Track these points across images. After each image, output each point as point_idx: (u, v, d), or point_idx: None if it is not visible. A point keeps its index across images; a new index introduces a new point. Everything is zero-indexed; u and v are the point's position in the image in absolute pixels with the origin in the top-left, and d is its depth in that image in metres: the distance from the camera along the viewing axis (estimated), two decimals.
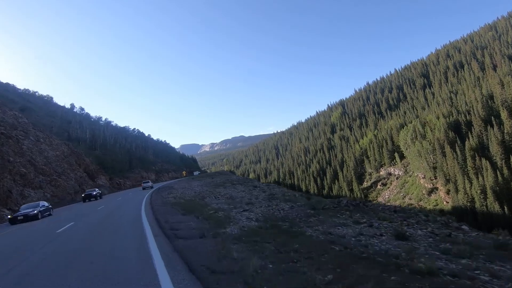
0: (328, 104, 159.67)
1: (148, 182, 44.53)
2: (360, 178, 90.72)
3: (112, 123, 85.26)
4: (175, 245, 6.70)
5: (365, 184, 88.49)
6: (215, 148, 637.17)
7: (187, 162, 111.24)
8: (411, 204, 68.06)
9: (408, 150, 77.31)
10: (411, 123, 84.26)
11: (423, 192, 67.76)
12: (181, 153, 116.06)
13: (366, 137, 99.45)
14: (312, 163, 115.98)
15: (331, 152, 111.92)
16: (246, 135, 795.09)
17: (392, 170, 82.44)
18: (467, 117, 68.41)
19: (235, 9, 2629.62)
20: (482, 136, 61.61)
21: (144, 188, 40.51)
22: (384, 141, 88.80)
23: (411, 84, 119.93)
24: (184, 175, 60.99)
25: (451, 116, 71.05)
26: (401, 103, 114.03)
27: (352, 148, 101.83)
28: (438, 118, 74.36)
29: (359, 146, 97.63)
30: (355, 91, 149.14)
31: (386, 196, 78.32)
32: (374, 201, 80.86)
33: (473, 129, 63.90)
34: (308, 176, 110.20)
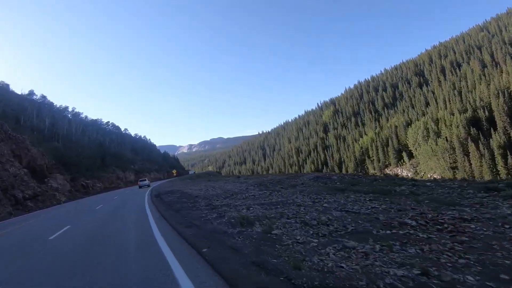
0: (318, 103, 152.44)
1: (145, 180, 41.81)
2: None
3: (81, 114, 71.68)
4: None
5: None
6: (193, 150, 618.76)
7: (170, 162, 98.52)
8: None
9: (419, 149, 70.33)
10: (418, 120, 77.66)
11: None
12: (163, 152, 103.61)
13: (366, 135, 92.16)
14: (306, 163, 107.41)
15: (326, 152, 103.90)
16: (225, 136, 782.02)
17: (399, 170, 75.08)
18: (486, 113, 62.26)
19: (217, 5, 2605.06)
20: (509, 132, 55.25)
21: (140, 187, 37.83)
22: (388, 139, 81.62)
23: (406, 82, 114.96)
24: (175, 174, 50.15)
25: (468, 112, 64.64)
26: (398, 102, 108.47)
27: (351, 148, 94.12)
28: (452, 114, 67.94)
29: (359, 145, 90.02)
30: (346, 89, 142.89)
31: None
32: None
33: (496, 125, 57.58)
34: None
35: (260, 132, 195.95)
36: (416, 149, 71.42)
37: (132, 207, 14.07)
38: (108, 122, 78.37)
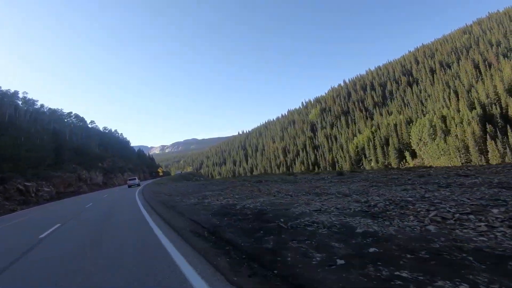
0: (302, 102, 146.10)
1: (135, 179, 39.33)
2: None
3: (37, 102, 57.90)
4: None
5: None
6: (166, 151, 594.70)
7: (146, 161, 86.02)
8: None
9: (424, 148, 64.64)
10: (419, 118, 72.32)
11: None
12: (138, 149, 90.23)
13: (361, 134, 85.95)
14: (295, 163, 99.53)
15: (316, 152, 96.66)
16: (200, 137, 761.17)
17: None
18: (498, 109, 57.60)
19: (190, 3, 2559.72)
20: None
21: (130, 186, 36.01)
22: (387, 138, 75.68)
23: (394, 82, 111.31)
24: (161, 174, 39.83)
25: (477, 109, 59.74)
26: (388, 100, 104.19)
27: (344, 147, 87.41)
28: (458, 111, 62.94)
29: (354, 144, 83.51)
30: (331, 88, 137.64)
31: None
32: None
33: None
34: None
35: (240, 133, 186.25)
36: (420, 148, 65.71)
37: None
38: (71, 113, 65.02)
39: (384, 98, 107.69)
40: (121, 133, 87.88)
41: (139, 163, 71.04)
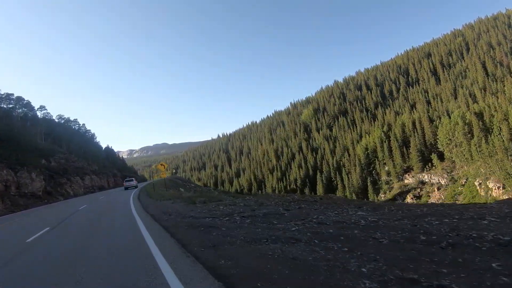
0: (291, 102, 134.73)
1: (132, 180, 37.19)
2: (373, 187, 64.92)
3: None
4: None
5: (382, 197, 62.90)
6: (134, 155, 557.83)
7: (117, 163, 67.88)
8: None
9: (456, 149, 54.89)
10: (442, 116, 63.00)
11: None
12: (106, 147, 70.99)
13: (368, 136, 75.44)
14: (290, 168, 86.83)
15: (316, 155, 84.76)
16: (170, 142, 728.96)
17: (426, 176, 58.79)
18: None
19: (155, 10, 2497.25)
20: None
21: (126, 188, 33.68)
22: (405, 139, 65.57)
23: (391, 82, 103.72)
24: (163, 175, 24.93)
25: None
26: (390, 100, 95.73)
27: (351, 150, 76.29)
28: (489, 107, 54.09)
29: (363, 146, 72.64)
30: (322, 88, 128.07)
31: None
32: None
33: None
34: (290, 185, 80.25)
35: (220, 136, 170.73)
36: (451, 150, 55.89)
37: None
38: (11, 95, 46.71)
39: (383, 98, 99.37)
40: (83, 124, 67.88)
41: (108, 165, 53.79)
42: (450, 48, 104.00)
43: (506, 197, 45.41)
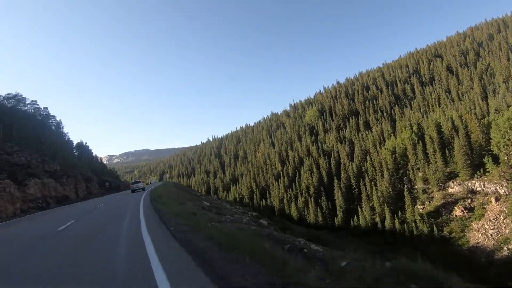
0: (291, 103, 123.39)
1: (139, 182, 37.31)
2: (404, 198, 53.65)
3: None
4: None
5: (420, 208, 51.78)
6: (114, 161, 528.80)
7: (94, 166, 53.06)
8: None
9: None
10: (488, 113, 53.19)
11: None
12: (78, 144, 54.77)
13: (394, 137, 64.80)
14: (299, 173, 74.70)
15: (329, 160, 73.20)
16: (152, 148, 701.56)
17: (478, 184, 48.21)
18: None
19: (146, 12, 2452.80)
20: None
21: (133, 191, 33.10)
22: (444, 140, 55.20)
23: (402, 82, 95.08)
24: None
25: None
26: (403, 101, 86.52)
27: (375, 153, 65.28)
28: None
29: (389, 150, 61.80)
30: (325, 89, 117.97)
31: (491, 231, 42.81)
32: (466, 243, 44.64)
33: None
34: (301, 194, 67.94)
35: (210, 139, 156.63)
36: (510, 152, 45.73)
37: None
38: None
39: (396, 98, 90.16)
40: (44, 108, 46.34)
41: (80, 165, 39.04)
42: (462, 48, 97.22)
43: None
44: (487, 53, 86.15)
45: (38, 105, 40.41)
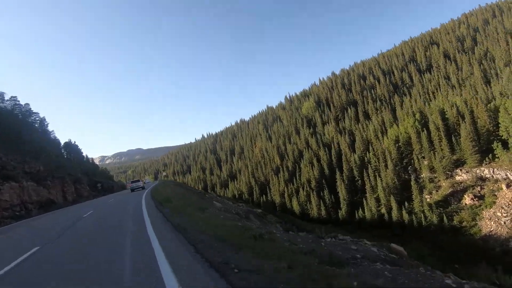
0: (286, 96, 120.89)
1: (138, 181, 37.14)
2: (409, 188, 51.79)
3: None
4: None
5: (427, 198, 49.97)
6: (106, 162, 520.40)
7: (84, 166, 49.51)
8: None
9: None
10: (495, 98, 51.40)
11: None
12: (68, 143, 49.94)
13: (397, 126, 62.81)
14: (299, 167, 72.36)
15: (329, 152, 71.02)
16: (145, 147, 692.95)
17: (487, 171, 46.50)
18: None
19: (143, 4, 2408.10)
20: None
21: (132, 190, 32.60)
22: (450, 127, 53.32)
23: (399, 70, 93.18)
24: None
25: None
26: (401, 89, 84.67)
27: (377, 143, 63.25)
28: None
29: (392, 139, 59.80)
30: (321, 80, 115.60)
31: (504, 218, 41.13)
32: (478, 232, 42.90)
33: None
34: (303, 188, 65.69)
35: (205, 135, 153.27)
36: None
37: None
38: None
39: (395, 87, 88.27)
40: (26, 104, 41.59)
41: (67, 165, 35.81)
42: (458, 35, 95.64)
43: None
44: (485, 38, 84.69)
45: (19, 101, 36.65)
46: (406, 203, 50.22)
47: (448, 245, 40.23)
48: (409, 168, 56.49)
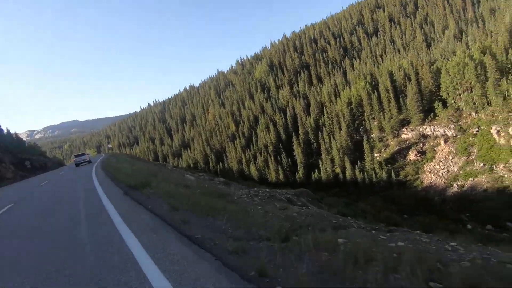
0: (237, 60, 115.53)
1: (83, 155, 33.96)
2: (361, 147, 54.48)
3: None
4: None
5: (378, 156, 53.18)
6: (36, 137, 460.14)
7: (9, 143, 40.89)
8: None
9: (464, 95, 47.05)
10: (444, 58, 54.61)
11: None
12: None
13: (349, 88, 64.14)
14: (255, 133, 71.16)
15: (285, 116, 70.63)
16: (82, 119, 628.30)
17: (428, 129, 50.47)
18: None
19: None
20: None
21: (77, 165, 30.76)
22: (397, 89, 55.85)
23: (347, 33, 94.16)
24: None
25: None
26: (351, 52, 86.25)
27: (329, 107, 64.21)
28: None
29: (344, 101, 61.10)
30: (272, 43, 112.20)
31: (442, 171, 45.69)
32: (420, 184, 47.06)
33: None
34: (260, 153, 65.14)
35: (151, 104, 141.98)
36: (457, 96, 47.88)
37: None
38: None
39: (345, 50, 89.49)
40: None
41: None
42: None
43: None
44: (425, 3, 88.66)
45: None
46: (358, 162, 52.73)
47: (397, 198, 43.64)
48: (360, 129, 58.99)
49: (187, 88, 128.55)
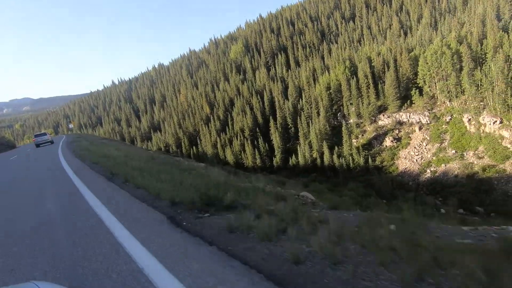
0: (211, 39, 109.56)
1: (45, 135, 32.50)
2: (339, 133, 54.39)
3: None
4: None
5: (355, 142, 53.39)
6: None
7: None
8: (493, 166, 39.87)
9: (440, 83, 47.97)
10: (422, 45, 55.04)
11: (502, 144, 40.31)
12: None
13: (328, 73, 63.13)
14: (231, 117, 68.38)
15: (262, 99, 68.36)
16: (35, 97, 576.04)
17: (404, 116, 51.27)
18: None
19: None
20: None
21: (38, 145, 29.15)
22: (376, 75, 55.74)
23: (324, 17, 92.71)
24: None
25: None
26: (330, 37, 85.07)
27: (307, 91, 62.92)
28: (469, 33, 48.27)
29: (323, 86, 60.12)
30: (247, 23, 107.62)
31: (416, 157, 46.84)
32: (395, 170, 47.92)
33: None
34: (236, 137, 62.80)
35: (116, 82, 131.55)
36: (433, 84, 48.74)
37: None
38: None
39: (322, 34, 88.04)
40: None
41: None
42: None
43: (507, 133, 41.28)
44: None
45: None
46: (336, 148, 52.57)
47: (376, 183, 44.07)
48: (338, 115, 58.68)
49: (156, 67, 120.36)
